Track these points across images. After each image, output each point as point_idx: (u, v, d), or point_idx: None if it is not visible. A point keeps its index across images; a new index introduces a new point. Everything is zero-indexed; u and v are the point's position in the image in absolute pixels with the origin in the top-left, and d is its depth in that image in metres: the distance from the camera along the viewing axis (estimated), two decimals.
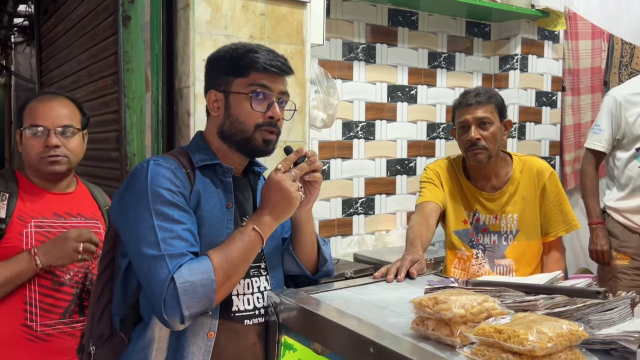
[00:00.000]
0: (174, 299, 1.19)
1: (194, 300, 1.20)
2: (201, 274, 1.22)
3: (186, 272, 1.21)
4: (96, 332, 1.37)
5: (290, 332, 1.37)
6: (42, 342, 1.67)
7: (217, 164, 1.41)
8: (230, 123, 1.39)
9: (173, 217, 1.26)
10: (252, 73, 1.38)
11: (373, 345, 1.09)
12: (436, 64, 3.45)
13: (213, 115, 1.43)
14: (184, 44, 2.07)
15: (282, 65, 1.40)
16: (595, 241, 2.93)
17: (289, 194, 1.32)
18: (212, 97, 1.42)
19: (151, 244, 1.23)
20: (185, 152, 1.42)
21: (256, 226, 1.30)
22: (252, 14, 2.15)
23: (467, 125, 2.04)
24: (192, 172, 1.37)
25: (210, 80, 1.45)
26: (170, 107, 2.16)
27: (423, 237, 1.91)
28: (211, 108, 1.43)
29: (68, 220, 1.76)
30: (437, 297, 1.12)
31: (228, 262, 1.26)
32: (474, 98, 2.04)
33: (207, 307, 1.24)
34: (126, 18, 2.28)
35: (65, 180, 1.81)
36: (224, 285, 1.26)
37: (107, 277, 1.38)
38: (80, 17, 2.94)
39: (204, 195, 1.36)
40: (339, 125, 3.15)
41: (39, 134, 1.72)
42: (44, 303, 1.68)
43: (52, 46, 3.57)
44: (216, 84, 1.42)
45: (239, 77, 1.38)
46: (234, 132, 1.39)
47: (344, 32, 3.14)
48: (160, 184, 1.28)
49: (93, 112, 2.64)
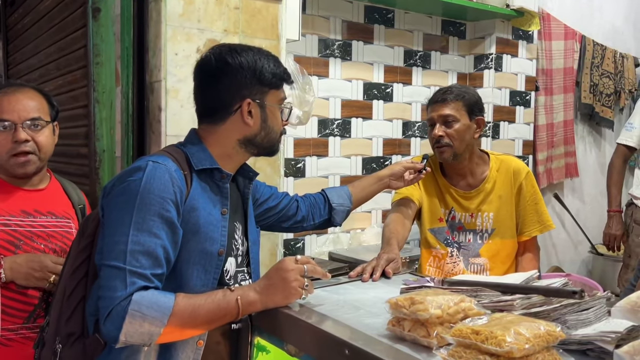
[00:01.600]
0: (118, 319, 1.17)
1: (135, 332, 1.18)
2: (156, 312, 1.18)
3: (145, 302, 1.18)
4: (65, 330, 1.31)
5: (263, 333, 1.34)
6: (3, 348, 1.59)
7: (216, 169, 1.38)
8: (266, 134, 1.41)
9: (151, 230, 1.22)
10: (283, 86, 1.42)
11: (348, 347, 1.07)
12: (412, 62, 3.45)
13: (245, 123, 1.38)
14: (156, 37, 2.02)
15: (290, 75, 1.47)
16: (610, 226, 3.28)
17: (288, 286, 1.28)
18: (248, 107, 1.37)
19: (119, 253, 1.20)
20: (183, 152, 1.38)
21: (240, 299, 1.26)
22: (226, 7, 2.11)
23: (433, 122, 2.05)
24: (190, 174, 1.34)
25: (241, 86, 1.37)
26: (140, 101, 2.11)
27: (399, 236, 1.91)
28: (245, 116, 1.38)
29: (37, 219, 1.69)
30: (413, 297, 1.10)
31: (191, 316, 1.22)
32: (440, 95, 2.06)
33: (145, 343, 1.21)
34: (96, 10, 2.21)
35: (36, 176, 1.73)
36: (173, 334, 1.22)
37: (82, 274, 1.33)
38: (49, 8, 2.86)
39: (201, 200, 1.33)
40: (315, 123, 3.12)
41: (6, 129, 1.64)
42: (6, 307, 1.60)
43: (19, 38, 3.46)
44: (251, 93, 1.38)
45: (274, 89, 1.40)
46: (266, 141, 1.42)
47: (320, 28, 3.11)
48: (152, 190, 1.24)
49: (61, 106, 2.55)
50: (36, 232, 1.67)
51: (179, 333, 1.24)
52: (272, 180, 2.22)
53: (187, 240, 1.30)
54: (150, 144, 2.10)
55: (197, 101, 1.44)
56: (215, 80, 1.37)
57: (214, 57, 1.38)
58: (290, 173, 3.02)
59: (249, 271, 1.48)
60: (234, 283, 1.41)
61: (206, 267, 1.32)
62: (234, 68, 1.36)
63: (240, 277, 1.44)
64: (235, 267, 1.43)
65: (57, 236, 1.71)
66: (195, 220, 1.31)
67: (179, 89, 2.01)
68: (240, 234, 1.46)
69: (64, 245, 1.70)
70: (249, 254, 1.49)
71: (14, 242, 1.62)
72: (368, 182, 1.90)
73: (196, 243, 1.31)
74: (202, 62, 1.41)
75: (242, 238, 1.47)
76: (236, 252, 1.43)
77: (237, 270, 1.43)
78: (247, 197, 1.50)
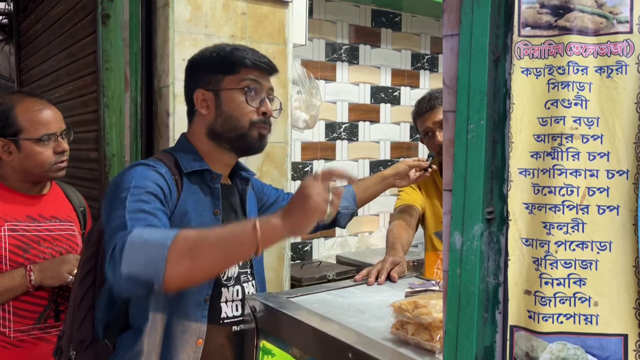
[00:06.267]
0: (119, 252, 1.05)
1: (137, 258, 1.04)
2: (159, 234, 1.08)
3: (145, 231, 1.10)
4: (77, 337, 1.33)
5: (268, 336, 1.35)
6: (14, 349, 1.63)
7: (206, 170, 1.37)
8: (223, 120, 1.36)
9: (146, 201, 1.20)
10: (243, 70, 1.36)
11: (352, 350, 1.08)
12: (419, 65, 3.45)
13: (202, 114, 1.38)
14: (164, 43, 2.04)
15: (269, 62, 1.40)
16: None
17: (312, 201, 1.09)
18: (200, 96, 1.37)
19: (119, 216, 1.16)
20: (172, 156, 1.38)
21: (258, 223, 1.08)
22: (233, 12, 2.13)
23: (431, 131, 2.04)
24: (180, 178, 1.34)
25: (194, 80, 1.40)
26: (149, 106, 2.13)
27: (403, 240, 1.90)
28: (200, 107, 1.38)
29: (42, 223, 1.72)
30: (416, 301, 1.11)
31: (199, 237, 1.08)
32: (427, 104, 2.04)
33: (151, 276, 1.03)
34: (105, 16, 2.24)
35: (41, 182, 1.77)
36: (181, 263, 1.04)
37: (90, 281, 1.35)
38: (59, 15, 2.90)
39: (191, 204, 1.33)
40: (322, 126, 3.14)
41: (50, 141, 1.69)
42: (17, 308, 1.64)
43: (31, 44, 3.51)
44: (203, 83, 1.38)
45: (229, 75, 1.36)
46: (227, 129, 1.36)
47: (327, 32, 3.12)
48: (144, 176, 1.25)
49: (72, 111, 2.61)
50: (42, 236, 1.70)
51: (188, 261, 1.05)
52: (279, 183, 2.23)
53: None
54: (158, 148, 2.12)
55: None
56: (185, 82, 1.44)
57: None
58: (297, 177, 3.04)
59: (252, 272, 1.48)
60: (235, 284, 1.40)
61: None
62: (190, 65, 1.42)
63: (243, 278, 1.43)
64: (237, 267, 1.42)
65: (62, 239, 1.74)
66: (187, 224, 1.30)
67: None
68: None
69: (69, 247, 1.75)
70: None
71: (21, 246, 1.65)
72: (372, 181, 1.89)
73: None
74: None
75: None
76: None
77: (240, 271, 1.42)
78: (245, 198, 1.49)
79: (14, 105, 1.68)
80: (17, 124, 1.66)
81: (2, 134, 1.66)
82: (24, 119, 1.67)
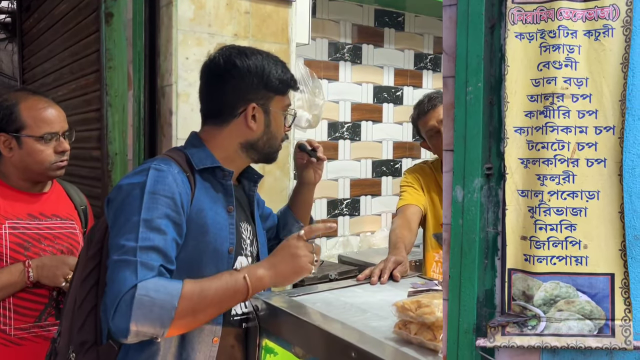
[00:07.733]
0: (127, 307, 1.11)
1: (145, 318, 1.12)
2: (165, 295, 1.14)
3: (151, 286, 1.14)
4: (78, 338, 1.30)
5: (270, 335, 1.35)
6: (15, 347, 1.62)
7: (218, 167, 1.37)
8: (267, 139, 1.40)
9: (159, 228, 1.21)
10: (288, 92, 1.41)
11: (354, 349, 1.08)
12: (422, 65, 3.45)
13: (246, 125, 1.37)
14: (167, 42, 2.04)
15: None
16: None
17: (298, 262, 1.25)
18: (251, 110, 1.36)
19: (129, 249, 1.18)
20: (183, 154, 1.37)
21: (247, 276, 1.22)
22: (237, 12, 2.13)
23: (436, 129, 2.03)
24: (192, 175, 1.34)
25: (248, 90, 1.36)
26: (152, 105, 2.13)
27: (406, 240, 1.90)
28: (247, 120, 1.36)
29: (43, 222, 1.72)
30: (419, 300, 1.11)
31: (200, 297, 1.18)
32: (428, 104, 2.05)
33: (157, 332, 1.14)
34: (108, 15, 2.24)
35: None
36: (185, 319, 1.16)
37: (93, 282, 1.32)
38: (63, 13, 2.90)
39: (206, 201, 1.33)
40: (325, 126, 3.14)
41: (52, 140, 1.68)
42: (18, 306, 1.63)
43: (34, 43, 3.51)
44: (256, 97, 1.36)
45: (279, 95, 1.40)
46: (267, 146, 1.41)
47: (330, 32, 3.12)
48: (157, 190, 1.24)
49: (75, 110, 2.61)
50: (43, 234, 1.70)
51: (191, 318, 1.18)
52: (282, 183, 2.23)
53: (198, 242, 1.30)
54: (161, 147, 2.12)
55: (202, 101, 1.44)
56: (222, 82, 1.37)
57: (223, 58, 1.38)
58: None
59: None
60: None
61: (218, 266, 1.32)
62: (242, 71, 1.35)
63: None
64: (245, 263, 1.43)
65: (63, 237, 1.74)
66: (203, 221, 1.30)
67: (190, 93, 2.03)
68: (249, 235, 1.46)
69: (69, 246, 1.74)
70: (259, 256, 1.49)
71: (22, 244, 1.65)
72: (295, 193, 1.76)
73: (206, 244, 1.31)
74: (210, 63, 1.40)
75: (252, 239, 1.47)
76: (246, 251, 1.43)
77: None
78: (253, 199, 1.50)
79: (19, 102, 1.68)
80: (20, 121, 1.66)
81: (5, 129, 1.66)
82: (27, 116, 1.67)
